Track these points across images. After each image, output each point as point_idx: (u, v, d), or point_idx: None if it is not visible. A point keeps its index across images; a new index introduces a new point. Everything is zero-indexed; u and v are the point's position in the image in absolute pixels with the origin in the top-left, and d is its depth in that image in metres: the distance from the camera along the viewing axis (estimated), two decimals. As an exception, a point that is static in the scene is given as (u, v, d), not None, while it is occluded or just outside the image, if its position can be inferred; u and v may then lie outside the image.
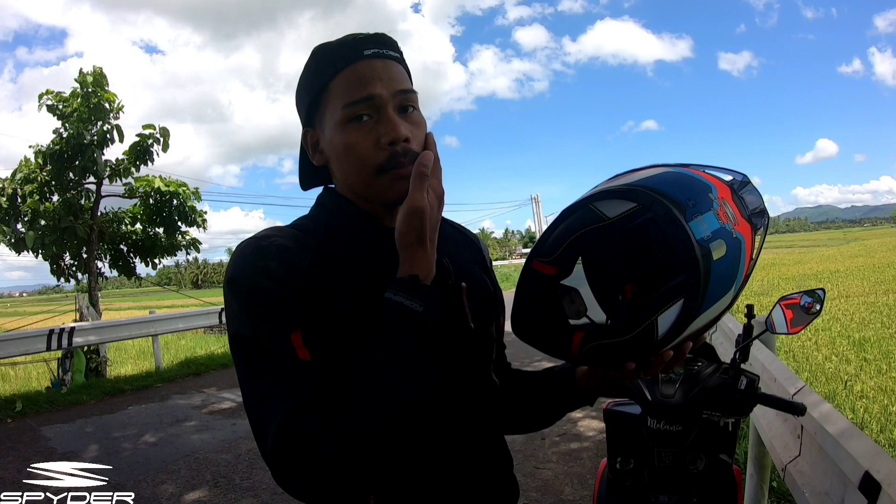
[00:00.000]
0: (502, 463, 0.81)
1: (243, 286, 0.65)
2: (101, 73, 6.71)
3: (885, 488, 0.98)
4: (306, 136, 0.75)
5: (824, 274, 15.61)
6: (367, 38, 0.70)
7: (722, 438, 1.33)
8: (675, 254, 0.61)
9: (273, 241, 0.68)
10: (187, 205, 7.48)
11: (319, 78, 0.70)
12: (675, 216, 0.61)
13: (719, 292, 0.63)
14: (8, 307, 41.86)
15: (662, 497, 1.32)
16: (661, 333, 0.62)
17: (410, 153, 0.68)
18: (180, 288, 69.24)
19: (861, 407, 3.75)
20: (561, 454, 3.40)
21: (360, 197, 0.73)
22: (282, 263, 0.65)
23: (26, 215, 6.65)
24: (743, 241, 0.66)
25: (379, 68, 0.69)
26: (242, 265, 0.66)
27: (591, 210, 0.65)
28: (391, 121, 0.67)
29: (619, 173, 0.74)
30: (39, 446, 4.24)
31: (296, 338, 0.63)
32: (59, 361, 6.43)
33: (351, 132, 0.68)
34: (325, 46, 0.72)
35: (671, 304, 0.61)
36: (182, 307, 15.50)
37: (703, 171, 0.71)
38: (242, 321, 0.64)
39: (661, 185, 0.64)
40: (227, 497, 3.11)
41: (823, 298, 1.30)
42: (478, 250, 0.88)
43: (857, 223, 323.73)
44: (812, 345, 5.91)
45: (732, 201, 0.69)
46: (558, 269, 0.68)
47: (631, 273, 0.67)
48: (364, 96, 0.67)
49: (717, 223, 0.64)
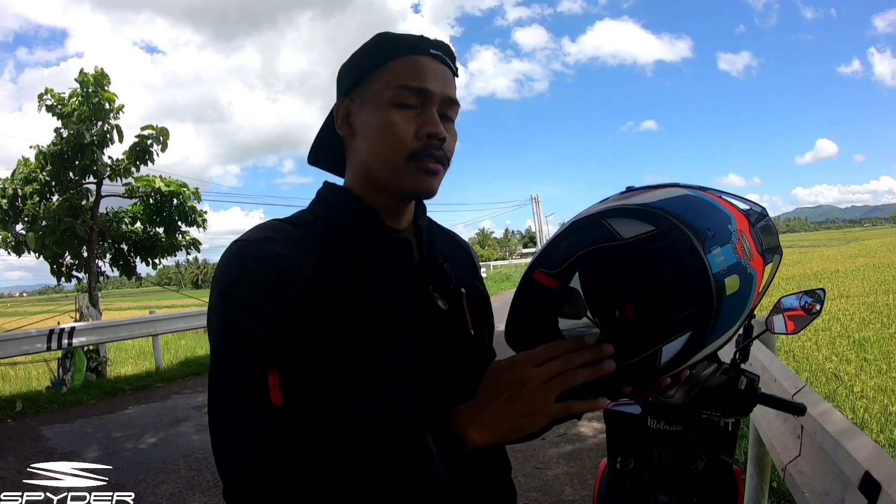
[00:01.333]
0: (500, 468, 0.79)
1: (231, 302, 0.61)
2: (102, 72, 6.72)
3: (885, 488, 0.98)
4: (339, 106, 0.73)
5: (824, 274, 15.61)
6: (436, 42, 0.72)
7: (722, 438, 1.33)
8: (690, 285, 0.59)
9: (269, 249, 0.63)
10: (187, 205, 7.49)
11: (379, 55, 0.70)
12: (693, 247, 0.59)
13: (726, 326, 0.62)
14: (8, 307, 41.87)
15: (662, 497, 1.32)
16: (664, 362, 0.61)
17: (443, 151, 0.69)
18: (180, 288, 69.24)
19: (861, 407, 3.75)
20: (561, 454, 3.41)
21: (372, 184, 0.72)
22: (277, 280, 0.62)
23: (27, 216, 6.66)
24: (755, 277, 0.64)
25: (439, 70, 0.70)
26: (234, 277, 0.62)
27: (605, 227, 0.61)
28: (434, 118, 0.68)
29: (635, 188, 0.70)
30: (39, 446, 4.24)
31: (273, 377, 0.59)
32: (59, 361, 6.44)
33: (395, 114, 0.68)
34: (392, 33, 0.72)
35: (679, 335, 0.60)
36: (182, 307, 15.50)
37: (722, 198, 0.68)
38: (222, 343, 0.61)
39: (678, 210, 0.61)
40: (227, 497, 3.11)
41: (823, 298, 1.30)
42: (470, 257, 0.87)
43: (858, 223, 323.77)
44: (812, 345, 5.91)
45: (750, 234, 0.66)
46: (561, 283, 0.64)
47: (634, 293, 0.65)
48: (420, 87, 0.68)
49: (734, 257, 0.61)
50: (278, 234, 0.66)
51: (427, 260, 0.75)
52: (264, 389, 0.59)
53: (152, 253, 7.62)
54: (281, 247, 0.64)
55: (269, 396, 0.59)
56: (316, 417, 0.61)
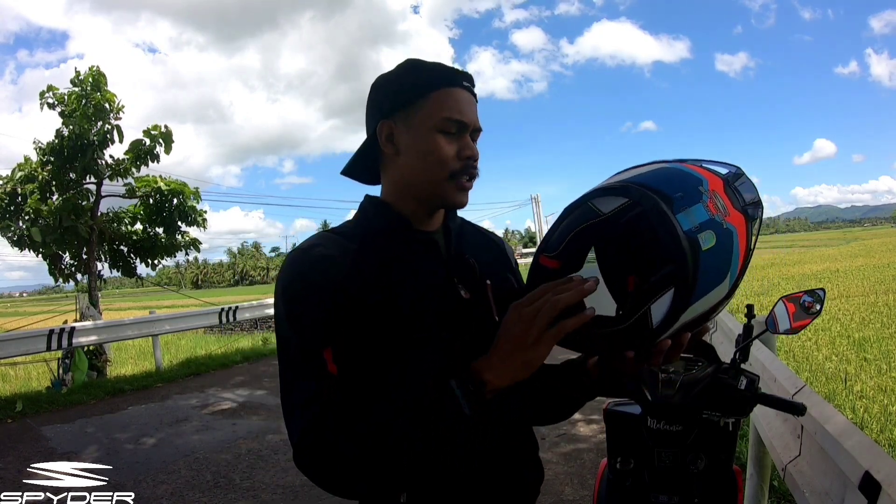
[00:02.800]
0: (528, 446, 0.88)
1: (288, 298, 0.75)
2: (98, 72, 6.71)
3: (885, 488, 0.98)
4: (382, 126, 0.83)
5: (824, 274, 15.61)
6: (465, 74, 0.83)
7: (722, 438, 1.33)
8: (663, 244, 0.63)
9: (317, 251, 0.77)
10: (187, 205, 7.49)
11: (419, 85, 0.81)
12: (661, 209, 0.64)
13: (712, 282, 0.66)
14: (8, 307, 41.88)
15: (662, 497, 1.32)
16: (656, 322, 0.64)
17: (476, 170, 0.82)
18: (180, 288, 69.23)
19: (861, 407, 3.75)
20: (561, 454, 3.41)
21: (410, 195, 0.83)
22: (323, 274, 0.75)
23: (27, 214, 6.66)
24: (735, 232, 0.68)
25: (470, 102, 0.83)
26: (290, 276, 0.76)
27: (589, 207, 0.70)
28: (471, 143, 0.82)
29: (620, 171, 0.77)
30: (39, 446, 4.25)
31: (327, 353, 0.71)
32: (60, 361, 6.43)
33: (440, 139, 0.79)
34: (423, 62, 0.83)
35: (662, 293, 0.64)
36: (182, 307, 15.50)
37: (698, 166, 0.74)
38: (285, 328, 0.74)
39: (651, 181, 0.68)
40: (227, 497, 3.11)
41: (823, 298, 1.30)
42: (502, 251, 0.96)
43: (857, 223, 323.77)
44: (812, 345, 5.91)
45: (724, 193, 0.71)
46: (562, 262, 0.71)
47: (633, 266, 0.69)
48: (460, 119, 0.80)
49: (705, 215, 0.66)
50: (324, 241, 0.80)
51: (454, 256, 0.85)
52: (322, 362, 0.70)
53: (152, 253, 7.62)
54: (326, 250, 0.77)
55: (327, 367, 0.70)
56: (364, 384, 0.71)
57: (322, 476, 0.68)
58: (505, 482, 0.81)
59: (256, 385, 6.04)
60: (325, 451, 0.67)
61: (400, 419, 0.67)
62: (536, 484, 0.88)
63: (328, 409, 0.68)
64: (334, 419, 0.68)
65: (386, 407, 0.68)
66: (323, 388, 0.69)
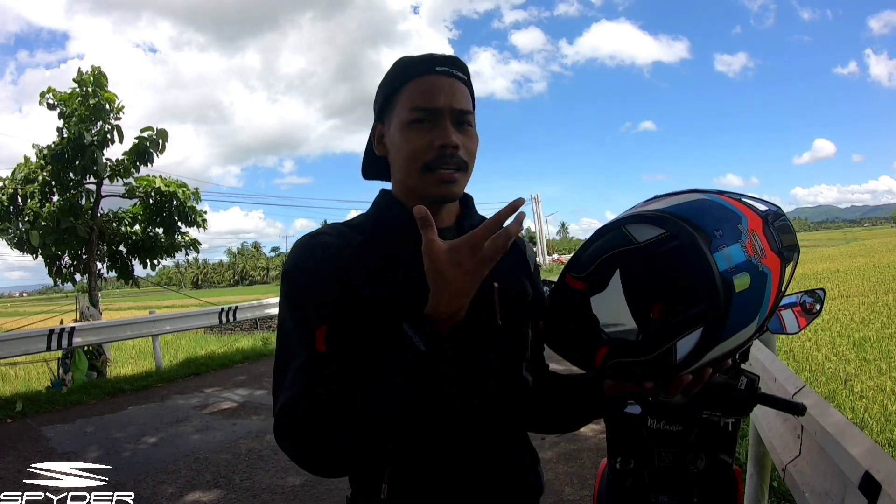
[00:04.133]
0: (527, 458, 0.85)
1: (289, 279, 0.77)
2: (99, 72, 6.71)
3: (885, 488, 0.98)
4: (375, 130, 0.85)
5: (824, 274, 15.61)
6: (443, 58, 0.80)
7: (722, 438, 1.33)
8: (697, 283, 0.62)
9: (321, 238, 0.79)
10: (187, 205, 7.48)
11: (395, 82, 0.80)
12: (698, 246, 0.62)
13: (741, 323, 0.64)
14: (8, 307, 41.85)
15: (662, 497, 1.32)
16: (680, 358, 0.63)
17: (457, 157, 0.77)
18: (180, 288, 69.24)
19: (861, 407, 3.75)
20: (561, 454, 3.41)
21: (409, 191, 0.82)
22: (324, 258, 0.76)
23: (27, 216, 6.65)
24: (769, 275, 0.66)
25: (445, 84, 0.78)
26: (294, 260, 0.78)
27: (623, 232, 0.68)
28: (445, 129, 0.77)
29: (659, 195, 0.75)
30: (39, 446, 4.25)
31: (320, 332, 0.72)
32: (60, 361, 6.43)
33: (411, 132, 0.78)
34: (406, 58, 0.82)
35: (690, 331, 0.62)
36: (182, 307, 15.49)
37: (738, 200, 0.72)
38: (285, 307, 0.76)
39: (690, 214, 0.66)
40: (227, 497, 3.11)
41: (823, 298, 1.30)
42: (521, 253, 0.93)
43: (857, 223, 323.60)
44: (812, 345, 5.91)
45: (763, 234, 0.69)
46: (588, 284, 0.70)
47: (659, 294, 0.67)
48: (427, 106, 0.77)
49: (742, 256, 0.64)
50: (330, 231, 0.81)
51: None
52: (312, 340, 0.72)
53: (152, 254, 7.62)
54: (330, 238, 0.79)
55: (315, 345, 0.72)
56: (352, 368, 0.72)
57: (298, 451, 0.69)
58: (494, 462, 0.79)
59: (256, 385, 6.03)
60: (303, 424, 0.68)
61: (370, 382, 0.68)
62: (532, 465, 0.85)
63: (312, 385, 0.69)
64: (316, 394, 0.69)
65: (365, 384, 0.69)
66: (310, 364, 0.70)
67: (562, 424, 0.93)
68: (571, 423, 0.93)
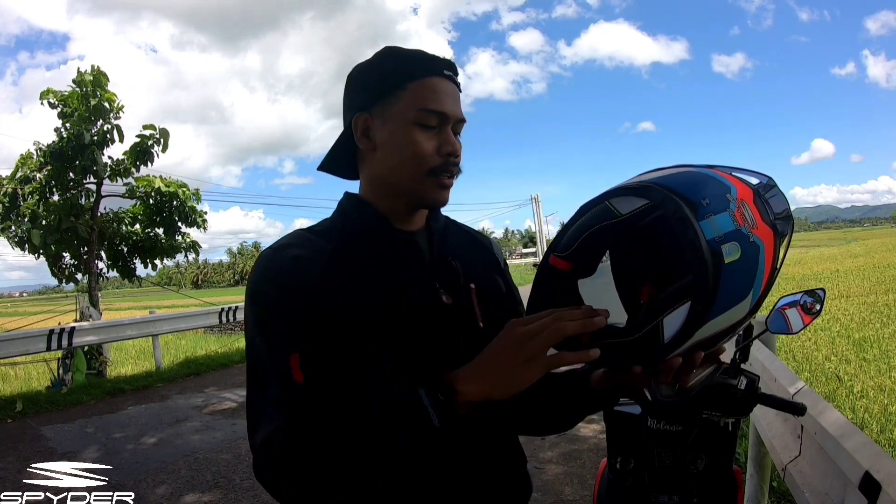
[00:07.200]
0: (514, 460, 0.83)
1: (258, 300, 0.71)
2: (99, 72, 6.71)
3: (885, 488, 0.98)
4: (357, 120, 0.77)
5: (824, 274, 15.61)
6: (446, 61, 0.78)
7: (722, 438, 1.33)
8: (683, 253, 0.58)
9: (289, 252, 0.72)
10: (187, 205, 7.48)
11: (399, 76, 0.75)
12: (684, 214, 0.59)
13: (733, 299, 0.60)
14: (8, 307, 41.82)
15: (662, 497, 1.32)
16: (668, 337, 0.59)
17: (457, 166, 0.77)
18: (180, 288, 69.25)
19: (861, 407, 3.75)
20: (561, 454, 3.41)
21: (387, 193, 0.78)
22: (295, 276, 0.70)
23: (27, 215, 6.65)
24: (762, 247, 0.62)
25: (451, 91, 0.77)
26: (260, 277, 0.72)
27: (607, 206, 0.65)
28: (451, 138, 0.76)
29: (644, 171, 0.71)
30: (39, 446, 4.25)
31: (294, 359, 0.67)
32: (60, 361, 6.43)
33: (418, 133, 0.74)
34: (402, 50, 0.78)
35: (677, 305, 0.59)
36: (182, 307, 15.49)
37: (728, 173, 0.68)
38: (254, 332, 0.70)
39: (675, 184, 0.62)
40: (227, 497, 3.11)
41: (823, 298, 1.30)
42: (489, 253, 0.90)
43: (857, 223, 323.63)
44: (812, 345, 5.90)
45: (754, 204, 0.65)
46: (573, 264, 0.67)
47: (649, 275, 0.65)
48: (439, 110, 0.74)
49: (731, 225, 0.60)
50: (297, 241, 0.75)
51: (436, 258, 0.80)
52: (287, 369, 0.66)
53: (152, 254, 7.61)
54: (298, 250, 0.73)
55: (292, 375, 0.66)
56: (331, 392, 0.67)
57: (280, 490, 0.65)
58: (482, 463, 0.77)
59: (256, 385, 6.02)
60: (286, 463, 0.62)
61: (367, 432, 0.62)
62: (520, 466, 0.84)
63: (292, 419, 0.64)
64: (298, 430, 0.63)
65: (354, 418, 0.63)
66: (287, 397, 0.65)
67: (554, 423, 0.90)
68: (563, 421, 0.90)
